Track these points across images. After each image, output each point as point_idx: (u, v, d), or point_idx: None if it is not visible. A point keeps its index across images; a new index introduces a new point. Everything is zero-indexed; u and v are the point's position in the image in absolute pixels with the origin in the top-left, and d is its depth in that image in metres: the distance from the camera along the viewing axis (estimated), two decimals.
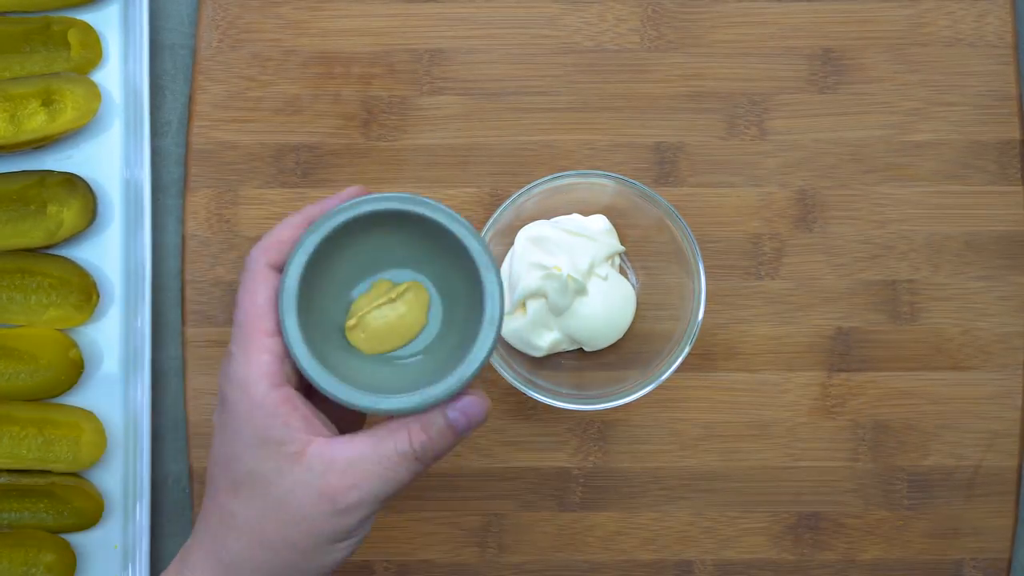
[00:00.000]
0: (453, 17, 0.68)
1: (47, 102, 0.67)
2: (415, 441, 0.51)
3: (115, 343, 0.67)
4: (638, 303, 0.66)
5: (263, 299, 0.51)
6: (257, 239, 0.68)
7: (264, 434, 0.50)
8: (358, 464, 0.50)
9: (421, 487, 0.67)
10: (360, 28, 0.69)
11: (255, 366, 0.51)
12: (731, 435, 0.67)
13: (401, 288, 0.54)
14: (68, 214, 0.66)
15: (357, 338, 0.54)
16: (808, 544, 0.68)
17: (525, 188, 0.62)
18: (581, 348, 0.66)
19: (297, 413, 0.51)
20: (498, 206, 0.67)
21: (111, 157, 0.68)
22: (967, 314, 0.68)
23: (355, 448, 0.51)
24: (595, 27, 0.68)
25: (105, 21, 0.68)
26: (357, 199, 0.52)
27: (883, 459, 0.68)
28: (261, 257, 0.52)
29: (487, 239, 0.62)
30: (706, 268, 0.67)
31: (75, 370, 0.66)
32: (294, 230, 0.53)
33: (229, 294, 0.68)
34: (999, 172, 0.68)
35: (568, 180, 0.63)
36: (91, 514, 0.66)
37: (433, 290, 0.55)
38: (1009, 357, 0.67)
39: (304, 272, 0.51)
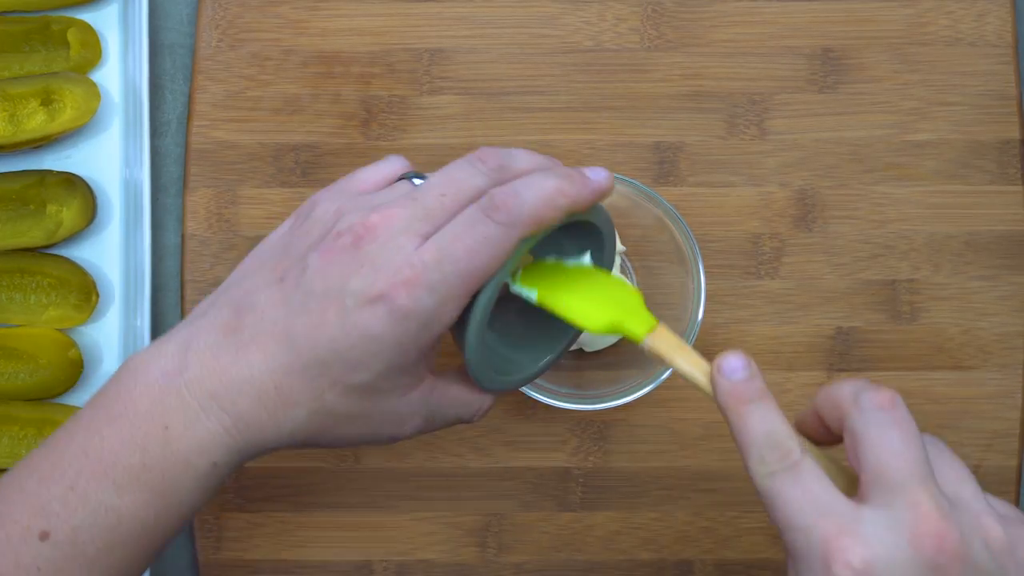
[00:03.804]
0: (453, 17, 0.68)
1: (46, 102, 0.67)
2: (482, 411, 0.56)
3: (115, 343, 0.67)
4: None
5: (488, 267, 0.50)
6: (256, 239, 0.67)
7: (404, 364, 0.51)
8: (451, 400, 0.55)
9: (421, 487, 0.67)
10: (360, 28, 0.68)
11: (451, 315, 0.50)
12: (731, 435, 0.67)
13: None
14: (67, 214, 0.66)
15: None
16: None
17: None
18: (581, 348, 0.66)
19: (433, 354, 0.53)
20: None
21: (110, 157, 0.68)
22: (967, 314, 0.68)
23: (454, 393, 0.55)
24: (595, 27, 0.68)
25: (105, 21, 0.68)
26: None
27: None
28: (516, 231, 0.50)
29: None
30: (706, 268, 0.67)
31: (75, 370, 0.66)
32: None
33: None
34: (999, 172, 0.68)
35: None
36: None
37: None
38: (1009, 357, 0.67)
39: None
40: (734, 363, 0.50)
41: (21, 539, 0.49)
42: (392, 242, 0.50)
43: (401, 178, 0.55)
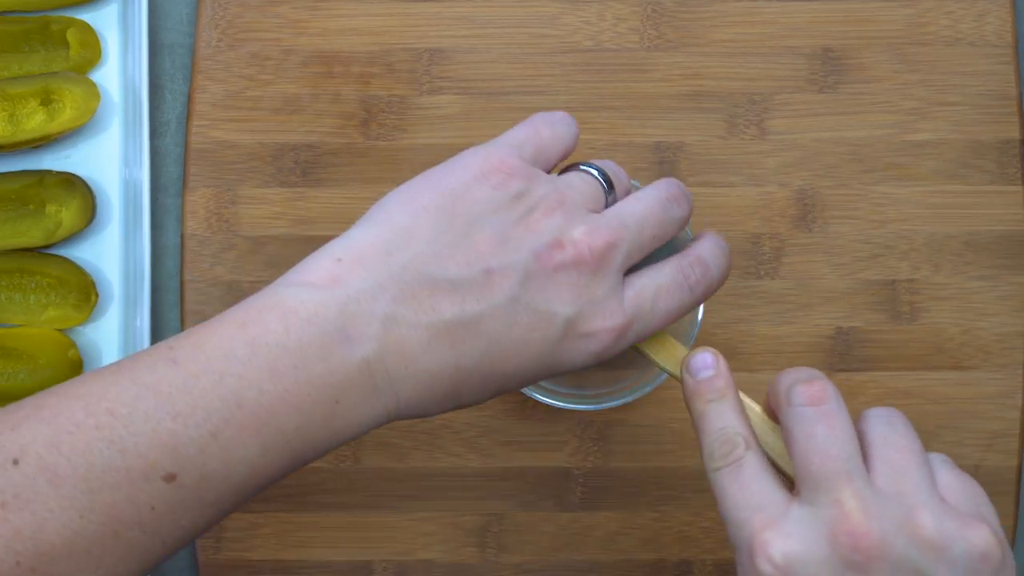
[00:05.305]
0: (453, 17, 0.68)
1: (46, 101, 0.67)
2: None
3: (114, 343, 0.67)
4: None
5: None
6: (256, 239, 0.67)
7: (553, 365, 0.51)
8: None
9: (421, 487, 0.67)
10: (359, 27, 0.68)
11: None
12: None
13: None
14: (67, 214, 0.66)
15: None
16: None
17: None
18: None
19: None
20: None
21: (110, 157, 0.68)
22: (967, 314, 0.68)
23: None
24: (595, 26, 0.68)
25: (104, 20, 0.68)
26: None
27: None
28: (699, 302, 0.54)
29: None
30: None
31: (74, 370, 0.66)
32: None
33: (229, 294, 0.68)
34: (999, 172, 0.68)
35: None
36: None
37: None
38: (1009, 357, 0.67)
39: None
40: (701, 361, 0.52)
41: (143, 476, 0.45)
42: (609, 278, 0.50)
43: (577, 165, 0.54)
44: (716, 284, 0.54)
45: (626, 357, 0.66)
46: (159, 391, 0.46)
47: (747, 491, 0.48)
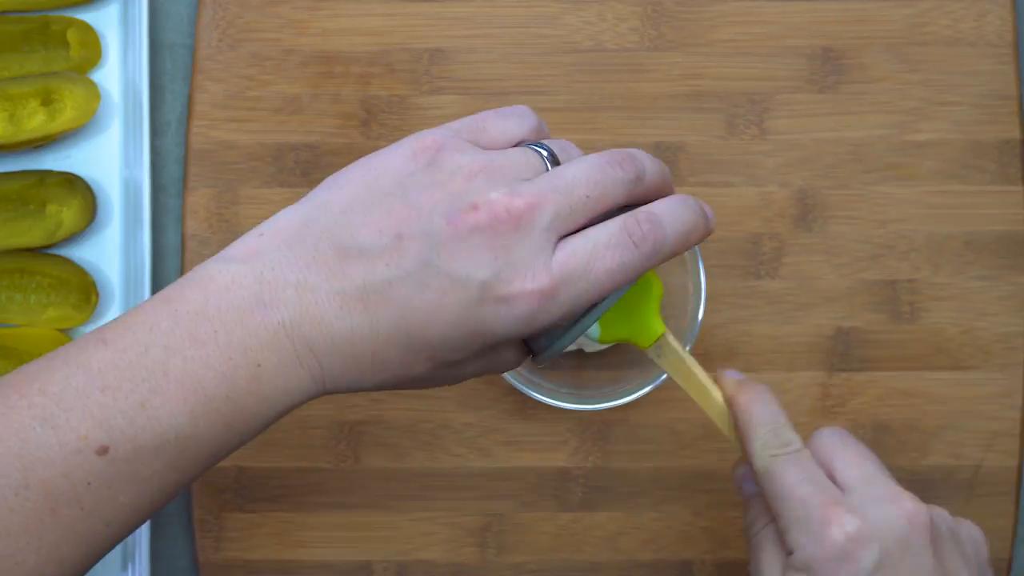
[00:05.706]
0: (453, 17, 0.68)
1: (46, 102, 0.67)
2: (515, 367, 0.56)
3: None
4: None
5: (617, 290, 0.52)
6: None
7: (497, 347, 0.50)
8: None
9: (421, 486, 0.67)
10: (359, 27, 0.68)
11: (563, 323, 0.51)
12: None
13: None
14: (67, 214, 0.66)
15: None
16: None
17: None
18: (581, 348, 0.66)
19: None
20: None
21: (110, 157, 0.68)
22: (967, 314, 0.68)
23: (507, 356, 0.52)
24: (595, 26, 0.68)
25: (104, 20, 0.68)
26: None
27: (883, 459, 0.67)
28: (653, 262, 0.50)
29: None
30: (706, 268, 0.67)
31: None
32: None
33: None
34: (999, 172, 0.68)
35: None
36: None
37: None
38: (1009, 357, 0.67)
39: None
40: (732, 372, 0.56)
41: (76, 450, 0.45)
42: (532, 237, 0.48)
43: (523, 143, 0.52)
44: (673, 242, 0.50)
45: (626, 357, 0.66)
46: (89, 368, 0.47)
47: (811, 474, 0.52)
